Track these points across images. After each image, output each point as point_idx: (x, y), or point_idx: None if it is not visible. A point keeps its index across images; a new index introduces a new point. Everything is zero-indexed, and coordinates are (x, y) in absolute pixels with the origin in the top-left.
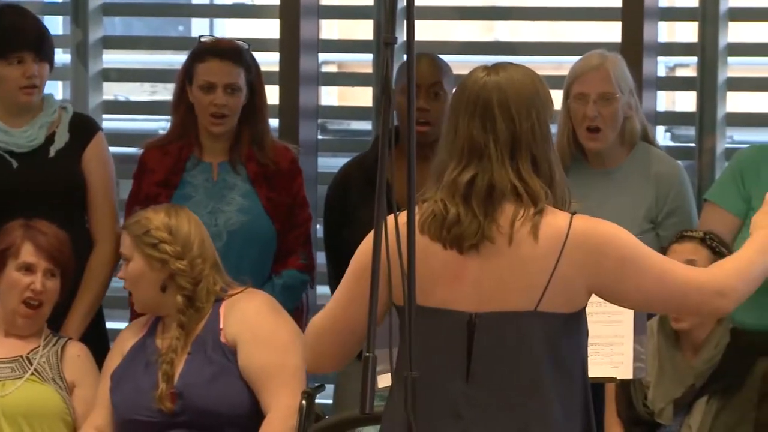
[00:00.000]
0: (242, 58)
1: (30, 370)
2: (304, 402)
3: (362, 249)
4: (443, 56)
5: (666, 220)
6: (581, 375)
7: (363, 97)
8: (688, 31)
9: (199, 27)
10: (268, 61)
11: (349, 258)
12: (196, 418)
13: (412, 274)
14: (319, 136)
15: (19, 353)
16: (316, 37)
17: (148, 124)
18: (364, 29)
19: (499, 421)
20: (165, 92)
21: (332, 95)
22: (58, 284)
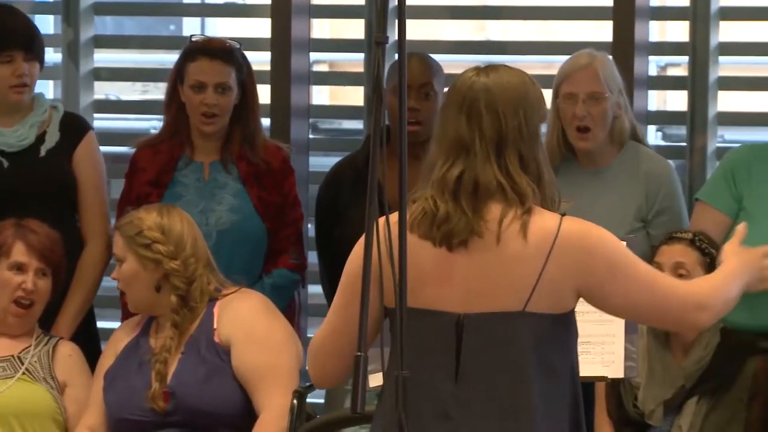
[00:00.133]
0: (233, 58)
1: (21, 370)
2: (295, 401)
3: (352, 260)
4: (434, 55)
5: (656, 218)
6: (570, 376)
7: (354, 96)
8: (679, 31)
9: (191, 26)
10: (260, 60)
11: (341, 257)
12: (189, 418)
13: (403, 274)
14: (311, 136)
15: (11, 353)
16: (308, 36)
17: (140, 123)
18: (355, 28)
19: (487, 421)
20: (156, 91)
21: (323, 94)
22: (50, 284)
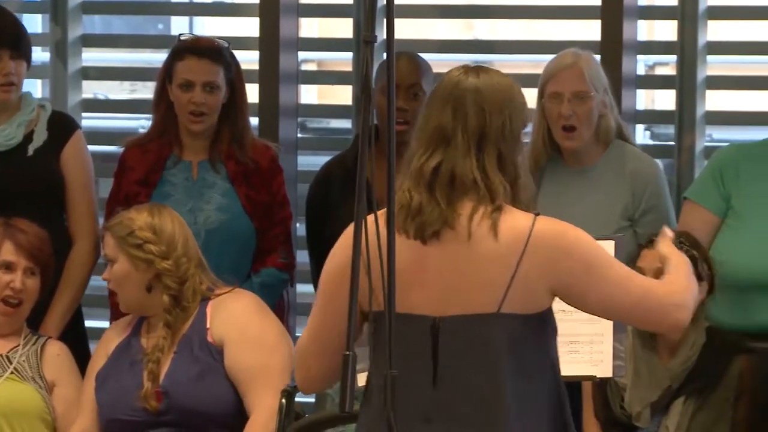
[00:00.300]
0: (221, 56)
1: (9, 369)
2: (283, 400)
3: (331, 261)
4: (423, 54)
5: (643, 217)
6: (551, 375)
7: (343, 95)
8: (667, 30)
9: (179, 25)
10: (248, 59)
11: None
12: (182, 417)
13: (392, 274)
14: (299, 135)
15: None
16: (296, 35)
17: (128, 122)
18: (343, 27)
19: (467, 424)
20: (144, 90)
21: (312, 93)
22: (38, 283)
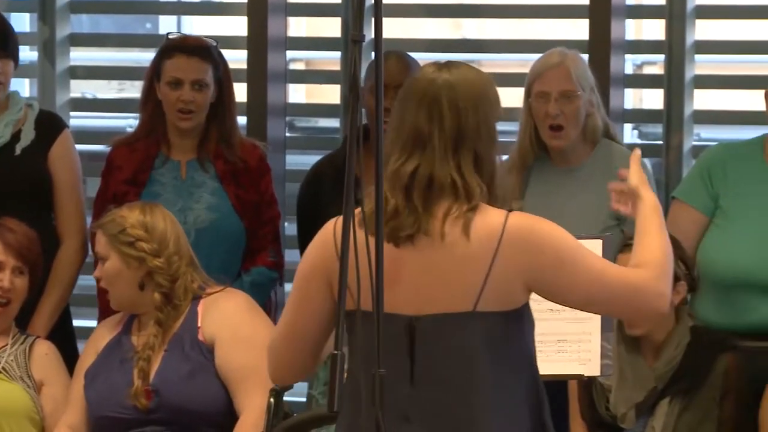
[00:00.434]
0: (210, 55)
1: None
2: (272, 400)
3: (306, 260)
4: (411, 54)
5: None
6: (528, 371)
7: (331, 94)
8: (655, 29)
9: (167, 24)
10: (236, 58)
11: None
12: (172, 416)
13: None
14: (287, 134)
15: None
16: (284, 34)
17: (116, 121)
18: (331, 27)
19: (445, 422)
20: (133, 89)
21: (300, 92)
22: (27, 282)
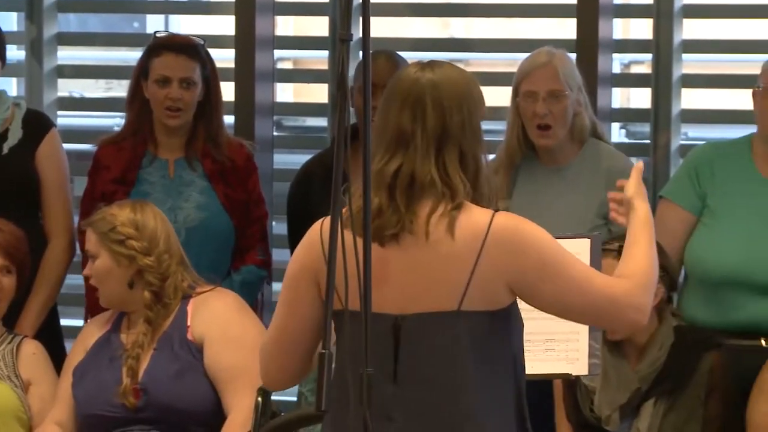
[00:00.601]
0: (198, 53)
1: None
2: (259, 399)
3: (295, 261)
4: (399, 52)
5: None
6: (513, 372)
7: (318, 93)
8: (642, 28)
9: (155, 23)
10: (224, 57)
11: None
12: (160, 415)
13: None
14: (275, 133)
15: None
16: (272, 33)
17: (104, 120)
18: (319, 26)
19: (429, 422)
20: (120, 89)
21: (288, 92)
22: (14, 281)
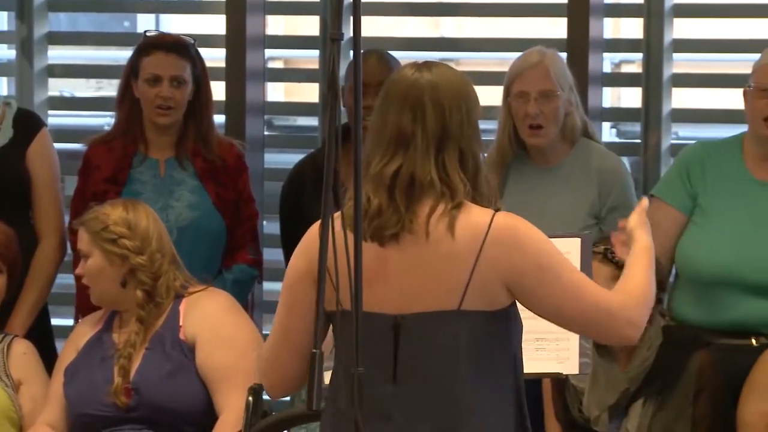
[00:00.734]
0: (188, 52)
1: None
2: (250, 398)
3: (293, 268)
4: (390, 52)
5: (609, 215)
6: (512, 372)
7: (309, 93)
8: (633, 28)
9: (145, 23)
10: (215, 56)
11: None
12: (151, 414)
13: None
14: (266, 132)
15: None
16: (262, 32)
17: (94, 120)
18: (310, 25)
19: (428, 421)
20: (110, 88)
21: (278, 91)
22: (5, 281)
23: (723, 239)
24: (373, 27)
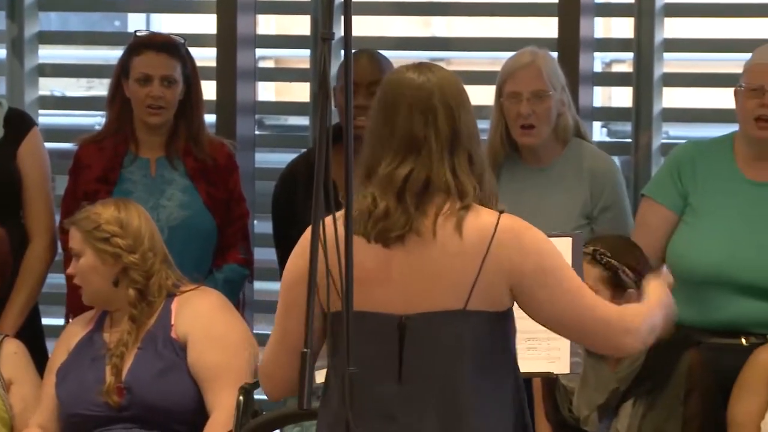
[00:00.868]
0: (178, 52)
1: None
2: (241, 397)
3: (291, 271)
4: (381, 51)
5: (601, 215)
6: (512, 372)
7: (300, 92)
8: (624, 27)
9: (136, 22)
10: (205, 56)
11: None
12: (143, 413)
13: (349, 271)
14: (257, 132)
15: None
16: (253, 32)
17: (85, 119)
18: (301, 24)
19: (431, 421)
20: (101, 87)
21: (269, 91)
22: None
23: (714, 239)
24: (364, 26)
